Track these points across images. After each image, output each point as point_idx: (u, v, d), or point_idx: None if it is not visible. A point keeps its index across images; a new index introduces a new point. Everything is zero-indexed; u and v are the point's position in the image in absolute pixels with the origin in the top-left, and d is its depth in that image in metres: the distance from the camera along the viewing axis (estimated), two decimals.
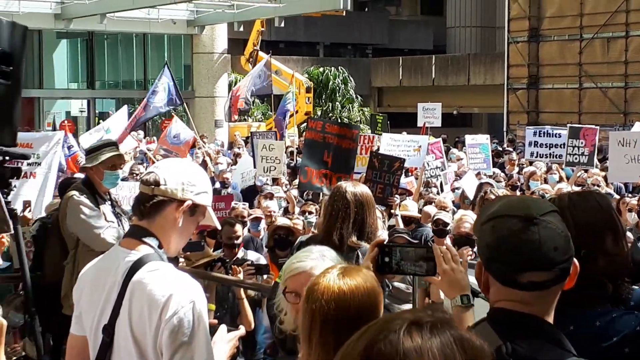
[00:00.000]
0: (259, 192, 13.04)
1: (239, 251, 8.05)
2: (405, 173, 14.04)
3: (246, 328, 3.82)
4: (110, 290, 3.37)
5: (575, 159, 15.98)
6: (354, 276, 3.09)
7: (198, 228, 4.59)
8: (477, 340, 1.65)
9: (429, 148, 15.80)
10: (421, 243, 9.87)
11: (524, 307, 2.44)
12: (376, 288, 3.10)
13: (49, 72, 32.68)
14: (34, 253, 7.49)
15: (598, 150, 17.63)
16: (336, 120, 30.12)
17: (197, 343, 3.18)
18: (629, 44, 31.61)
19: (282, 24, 30.39)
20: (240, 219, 9.26)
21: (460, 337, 1.63)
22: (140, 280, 3.28)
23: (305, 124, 21.58)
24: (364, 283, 3.08)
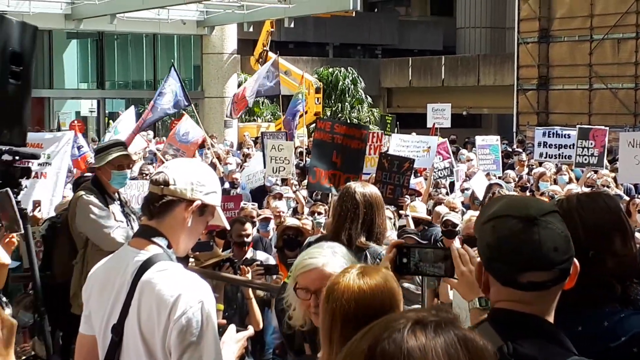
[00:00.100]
0: (268, 193, 13.04)
1: (248, 251, 8.07)
2: (414, 174, 14.03)
3: (255, 328, 3.83)
4: (119, 289, 3.38)
5: (585, 159, 15.94)
6: (373, 276, 3.10)
7: (207, 228, 4.59)
8: (481, 341, 1.65)
9: (436, 149, 15.79)
10: (431, 243, 9.87)
11: (525, 307, 2.44)
12: (396, 287, 3.11)
13: (59, 72, 32.76)
14: (43, 253, 7.50)
15: (608, 151, 17.58)
16: (345, 120, 30.11)
17: (206, 343, 3.18)
18: None
19: (292, 25, 30.41)
20: (250, 219, 9.28)
21: (464, 337, 1.63)
22: (149, 280, 3.29)
23: (314, 125, 21.58)
24: (383, 282, 3.09)
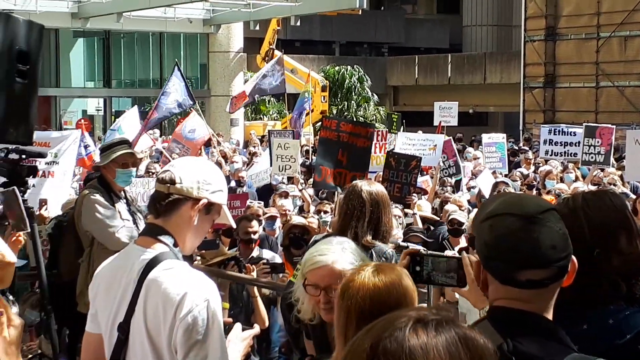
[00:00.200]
0: (274, 191, 13.05)
1: (255, 249, 8.07)
2: (420, 172, 14.04)
3: (260, 326, 3.83)
4: (125, 288, 3.38)
5: (592, 158, 15.90)
6: (389, 273, 3.12)
7: (213, 226, 4.60)
8: (481, 339, 1.66)
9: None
10: (439, 242, 9.88)
11: (523, 305, 2.44)
12: (411, 285, 3.13)
13: (66, 71, 32.81)
14: (50, 251, 7.51)
15: (615, 149, 17.55)
16: (351, 119, 30.11)
17: (212, 341, 3.18)
18: None
19: (298, 23, 30.42)
20: (256, 217, 9.29)
21: (465, 336, 1.64)
22: (155, 279, 3.29)
23: (320, 123, 21.58)
24: (399, 280, 3.10)
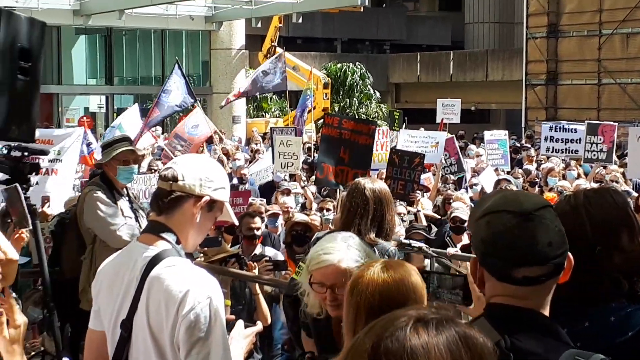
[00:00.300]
0: (277, 188, 13.06)
1: (257, 246, 8.08)
2: (422, 169, 14.04)
3: (263, 324, 3.84)
4: (128, 285, 3.38)
5: (594, 155, 15.90)
6: (398, 269, 3.13)
7: (215, 224, 4.60)
8: (481, 337, 1.67)
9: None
10: (442, 239, 9.88)
11: (520, 302, 2.45)
12: (420, 282, 3.14)
13: (68, 68, 32.81)
14: (52, 248, 7.52)
15: (617, 146, 17.54)
16: (353, 116, 30.10)
17: (214, 339, 3.18)
18: None
19: (300, 20, 30.42)
20: (258, 214, 9.29)
21: (465, 335, 1.65)
22: (157, 276, 3.29)
23: (322, 120, 21.58)
24: (408, 275, 3.11)
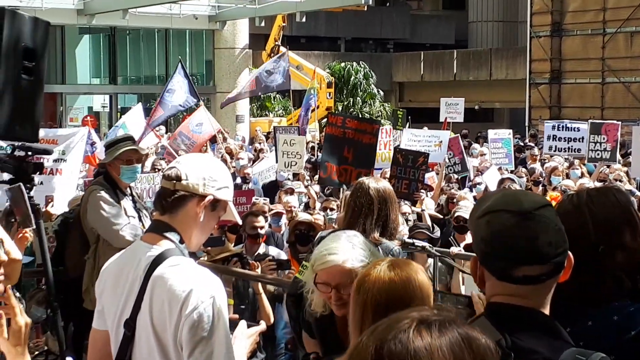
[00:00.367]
0: (280, 188, 13.06)
1: (261, 246, 8.08)
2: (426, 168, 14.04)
3: (265, 323, 3.84)
4: (132, 284, 3.39)
5: (598, 154, 15.88)
6: (404, 268, 3.14)
7: (219, 223, 4.61)
8: (483, 339, 1.67)
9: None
10: (446, 238, 9.88)
11: (520, 301, 2.46)
12: (426, 280, 3.15)
13: (72, 68, 32.84)
14: (56, 248, 7.53)
15: (621, 145, 17.52)
16: (357, 115, 30.10)
17: (217, 338, 3.18)
18: None
19: (304, 19, 30.39)
20: (262, 213, 9.30)
21: (468, 336, 1.66)
22: (161, 275, 3.30)
23: (326, 119, 21.59)
24: (415, 274, 3.12)
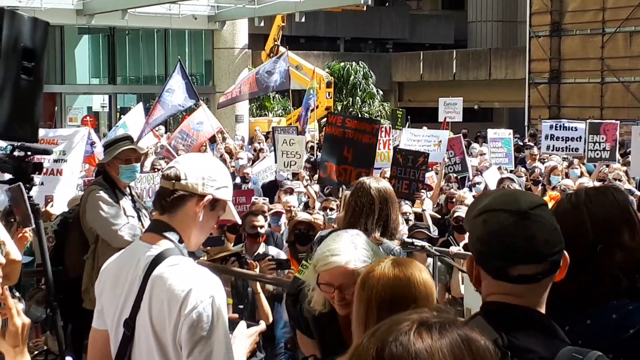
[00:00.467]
0: (279, 187, 13.06)
1: (261, 245, 8.09)
2: (426, 168, 14.03)
3: (264, 322, 3.85)
4: (131, 284, 3.39)
5: (597, 154, 15.88)
6: (408, 266, 3.17)
7: (218, 223, 4.61)
8: (482, 340, 1.69)
9: (447, 144, 15.76)
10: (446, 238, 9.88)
11: (516, 300, 2.46)
12: (429, 279, 3.18)
13: (71, 68, 32.84)
14: (56, 248, 7.54)
15: (620, 144, 17.53)
16: (356, 115, 30.11)
17: (216, 338, 3.18)
18: None
19: (303, 19, 30.39)
20: (261, 213, 9.30)
21: (467, 337, 1.68)
22: (160, 275, 3.30)
23: (325, 119, 21.59)
24: (418, 272, 3.15)
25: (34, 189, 5.86)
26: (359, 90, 36.34)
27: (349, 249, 3.74)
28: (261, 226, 8.15)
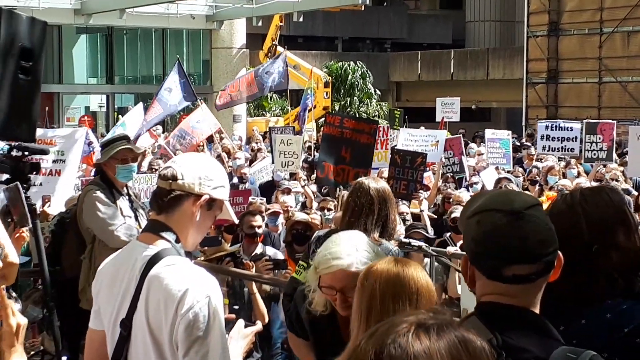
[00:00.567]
0: (277, 187, 13.06)
1: (258, 246, 8.09)
2: (424, 169, 14.03)
3: (260, 322, 3.86)
4: (128, 284, 3.39)
5: (594, 154, 15.87)
6: (409, 264, 3.23)
7: (216, 222, 4.61)
8: (478, 341, 1.71)
9: (446, 144, 15.76)
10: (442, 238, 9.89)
11: (510, 300, 2.47)
12: (429, 279, 3.23)
13: (69, 67, 32.82)
14: (53, 248, 7.53)
15: (617, 144, 17.52)
16: (354, 115, 30.11)
17: (213, 338, 3.19)
18: None
19: (301, 19, 30.37)
20: (259, 213, 9.29)
21: (464, 338, 1.69)
22: (157, 275, 3.30)
23: (323, 119, 21.59)
24: (421, 270, 3.22)
25: (34, 189, 5.87)
26: (356, 90, 36.33)
27: (351, 252, 3.74)
28: (259, 226, 8.15)
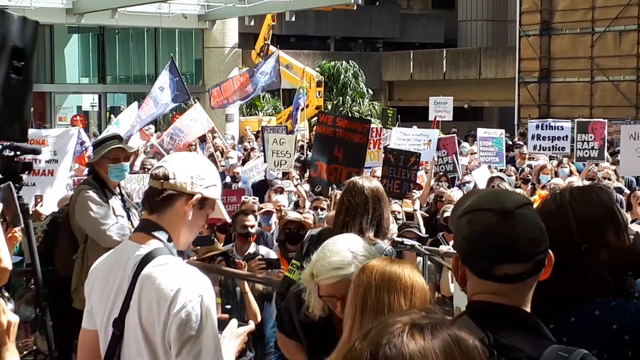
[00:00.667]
0: (269, 187, 13.06)
1: (251, 245, 8.09)
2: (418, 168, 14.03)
3: (252, 321, 3.86)
4: (120, 284, 3.40)
5: (586, 153, 15.91)
6: (405, 263, 3.29)
7: (208, 222, 4.61)
8: (470, 339, 1.72)
9: (440, 143, 15.78)
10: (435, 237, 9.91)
11: (502, 299, 2.47)
12: (422, 278, 3.26)
13: (61, 67, 32.77)
14: (45, 247, 7.52)
15: (609, 143, 17.56)
16: (347, 114, 30.12)
17: (205, 337, 3.19)
18: None
19: (293, 18, 30.38)
20: (252, 212, 9.29)
21: (457, 337, 1.70)
22: (149, 274, 3.31)
23: (315, 118, 21.59)
24: (415, 269, 3.26)
25: (26, 189, 5.86)
26: (349, 89, 36.34)
27: (349, 259, 3.75)
28: (252, 226, 8.14)
